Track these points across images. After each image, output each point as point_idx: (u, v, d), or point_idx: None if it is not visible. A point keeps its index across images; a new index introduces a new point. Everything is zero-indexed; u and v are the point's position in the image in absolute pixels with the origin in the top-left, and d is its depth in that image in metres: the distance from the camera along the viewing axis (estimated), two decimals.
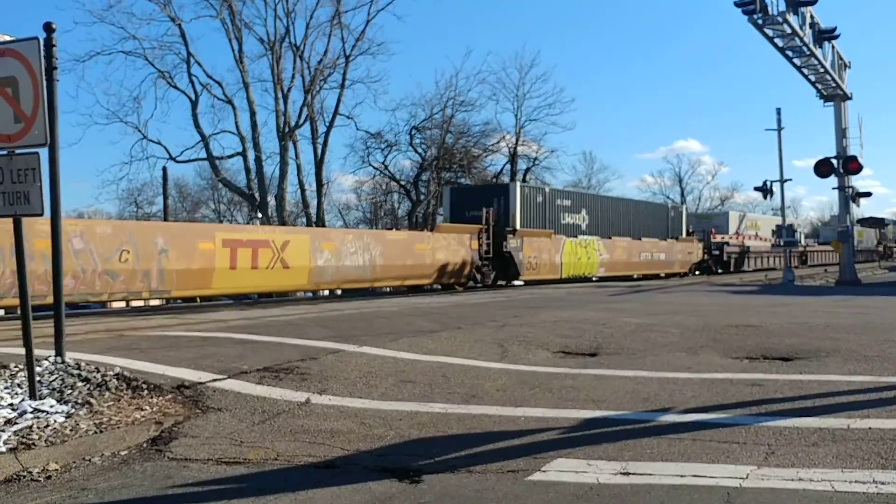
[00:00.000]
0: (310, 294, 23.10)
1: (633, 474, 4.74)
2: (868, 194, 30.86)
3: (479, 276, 26.06)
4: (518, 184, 29.77)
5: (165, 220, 38.85)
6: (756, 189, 32.64)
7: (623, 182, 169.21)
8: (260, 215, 41.16)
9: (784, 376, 7.81)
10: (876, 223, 77.97)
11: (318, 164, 43.97)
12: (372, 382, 7.62)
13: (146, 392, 6.82)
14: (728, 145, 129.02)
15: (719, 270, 43.73)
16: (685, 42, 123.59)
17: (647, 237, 37.21)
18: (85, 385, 6.76)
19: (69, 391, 6.57)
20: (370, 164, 50.24)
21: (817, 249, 60.05)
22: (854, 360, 8.57)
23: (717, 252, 43.92)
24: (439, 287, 25.26)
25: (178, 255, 16.64)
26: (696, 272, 41.35)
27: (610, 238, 33.94)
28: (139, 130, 39.45)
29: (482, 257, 25.88)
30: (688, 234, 42.03)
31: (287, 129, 41.37)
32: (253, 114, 40.85)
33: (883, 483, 4.45)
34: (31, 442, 5.36)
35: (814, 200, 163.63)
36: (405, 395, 7.14)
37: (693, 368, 8.36)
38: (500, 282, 27.63)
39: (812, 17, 25.45)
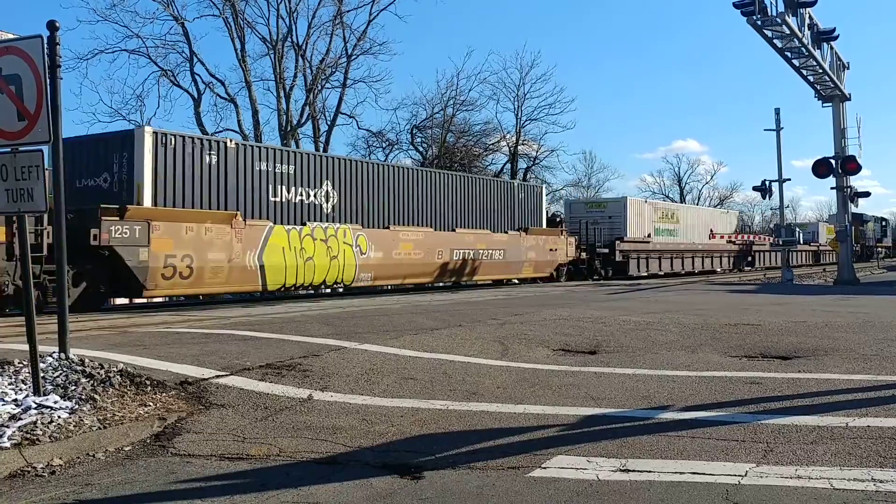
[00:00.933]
0: (312, 292, 22.29)
1: (633, 471, 4.78)
2: (867, 194, 30.98)
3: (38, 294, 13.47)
4: (148, 129, 17.06)
5: None
6: (755, 189, 32.67)
7: (623, 181, 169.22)
8: None
9: (783, 375, 7.85)
10: (853, 219, 72.43)
11: None
12: (373, 379, 7.65)
13: (150, 388, 6.85)
14: (727, 145, 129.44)
15: (610, 273, 34.31)
16: (684, 42, 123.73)
17: (477, 228, 26.44)
18: (89, 381, 6.78)
19: (73, 387, 6.59)
20: None
21: (768, 249, 50.79)
22: (852, 359, 8.61)
23: (605, 250, 33.97)
24: None
25: None
26: (562, 276, 30.92)
27: (387, 228, 22.71)
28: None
29: (7, 258, 14.04)
30: (551, 223, 31.61)
31: (289, 128, 41.42)
32: (255, 112, 40.93)
33: (881, 481, 4.49)
34: (35, 438, 5.39)
35: (812, 200, 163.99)
36: (406, 392, 7.18)
37: (692, 366, 8.40)
38: (119, 300, 18.06)
39: (811, 17, 25.48)
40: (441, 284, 25.60)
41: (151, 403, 6.43)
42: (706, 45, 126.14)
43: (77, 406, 6.13)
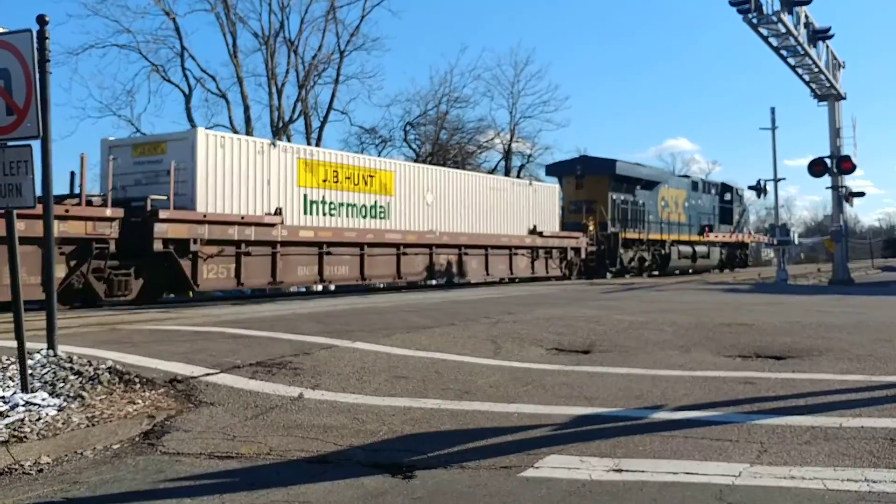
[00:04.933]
0: (302, 289, 22.65)
1: (626, 471, 4.75)
2: (861, 194, 30.95)
3: None
4: None
5: None
6: (750, 188, 32.70)
7: None
8: None
9: (777, 375, 7.83)
10: (584, 169, 34.16)
11: None
12: (365, 378, 7.60)
13: (139, 386, 6.80)
14: (717, 144, 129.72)
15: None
16: (676, 38, 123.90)
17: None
18: (77, 378, 6.73)
19: (61, 384, 6.54)
20: None
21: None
22: (846, 360, 8.59)
23: None
24: None
25: None
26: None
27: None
28: (132, 124, 39.39)
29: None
30: None
31: (281, 124, 41.34)
32: (247, 108, 40.84)
33: (875, 482, 4.47)
34: (22, 435, 5.34)
35: (806, 200, 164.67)
36: (398, 391, 7.13)
37: (686, 366, 8.38)
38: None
39: (807, 16, 25.51)
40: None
41: (140, 401, 6.37)
42: (701, 45, 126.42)
43: (65, 403, 6.08)
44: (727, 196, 45.12)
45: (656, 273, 36.50)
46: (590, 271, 32.74)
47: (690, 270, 40.24)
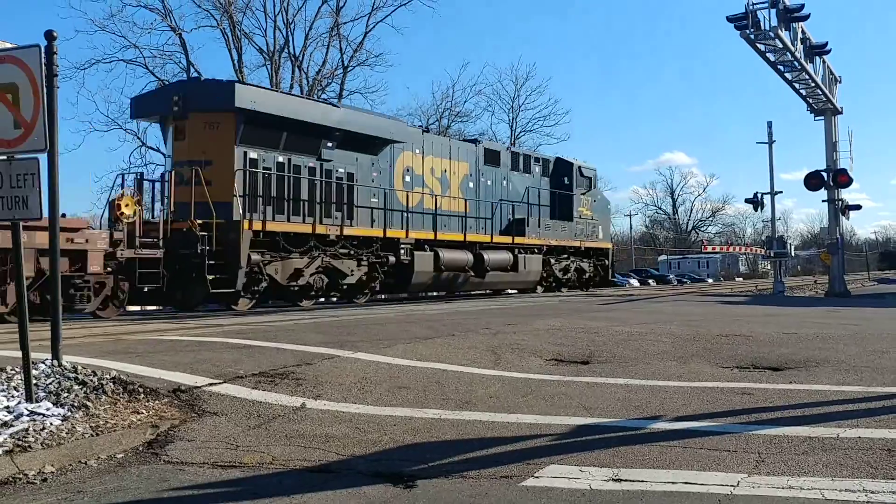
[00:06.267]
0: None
1: (625, 481, 4.79)
2: (857, 207, 31.03)
3: None
4: None
5: None
6: (747, 201, 32.74)
7: (615, 193, 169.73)
8: None
9: (774, 385, 7.87)
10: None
11: None
12: (367, 388, 7.65)
13: (142, 396, 6.84)
14: (713, 157, 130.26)
15: None
16: (677, 55, 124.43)
17: None
18: (81, 388, 6.77)
19: (65, 394, 6.58)
20: None
21: None
22: (844, 371, 8.64)
23: None
24: None
25: None
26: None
27: None
28: (138, 137, 39.25)
29: None
30: None
31: None
32: None
33: (873, 492, 4.51)
34: (27, 444, 5.38)
35: (802, 213, 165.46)
36: (399, 401, 7.18)
37: (684, 377, 8.43)
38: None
39: (804, 32, 25.70)
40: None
41: (144, 411, 6.42)
42: (696, 58, 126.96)
43: (69, 413, 6.12)
44: (565, 179, 28.72)
45: (362, 295, 21.25)
46: (157, 296, 17.37)
47: (474, 291, 25.05)
